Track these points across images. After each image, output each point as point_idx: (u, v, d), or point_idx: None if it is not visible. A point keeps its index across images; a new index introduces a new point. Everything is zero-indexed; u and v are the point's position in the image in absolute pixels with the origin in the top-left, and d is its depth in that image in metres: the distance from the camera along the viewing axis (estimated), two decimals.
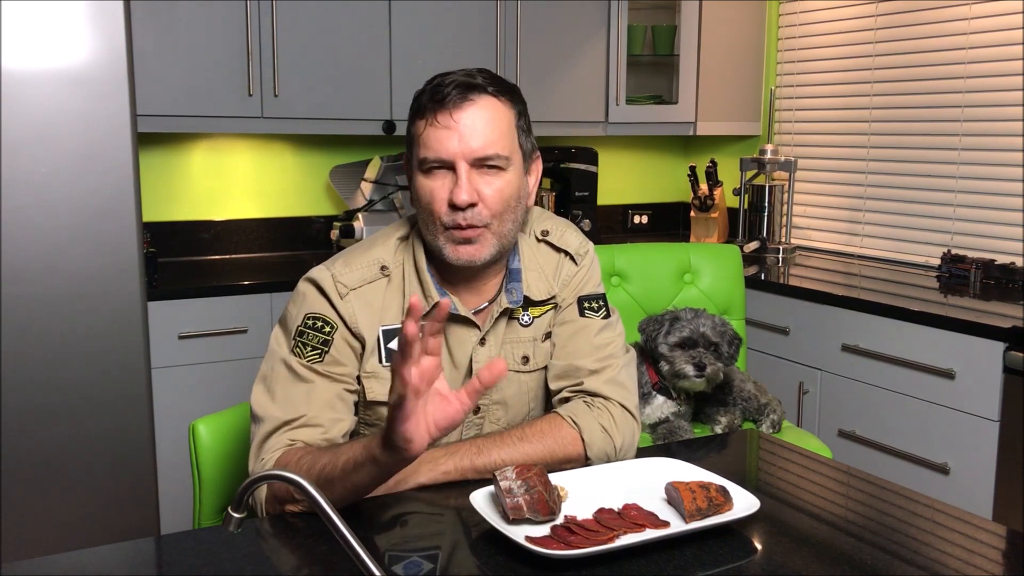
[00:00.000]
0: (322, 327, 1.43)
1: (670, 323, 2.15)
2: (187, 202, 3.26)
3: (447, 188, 1.40)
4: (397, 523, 1.28)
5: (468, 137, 1.38)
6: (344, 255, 1.50)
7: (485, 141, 1.39)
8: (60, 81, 2.20)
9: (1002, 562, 1.21)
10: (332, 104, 3.07)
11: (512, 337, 1.53)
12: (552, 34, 3.38)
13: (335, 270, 1.46)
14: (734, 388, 2.26)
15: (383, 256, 1.49)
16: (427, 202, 1.42)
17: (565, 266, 1.57)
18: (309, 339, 1.42)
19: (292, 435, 1.37)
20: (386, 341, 1.45)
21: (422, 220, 1.46)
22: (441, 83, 1.41)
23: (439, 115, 1.39)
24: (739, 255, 2.57)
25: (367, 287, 1.46)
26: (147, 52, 2.76)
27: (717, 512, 1.22)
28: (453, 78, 1.41)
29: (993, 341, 2.33)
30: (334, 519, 0.93)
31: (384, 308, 1.46)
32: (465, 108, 1.39)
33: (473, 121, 1.39)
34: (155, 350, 2.54)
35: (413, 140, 1.44)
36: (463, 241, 1.41)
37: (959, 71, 3.06)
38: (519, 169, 1.46)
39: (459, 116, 1.38)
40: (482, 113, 1.40)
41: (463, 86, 1.40)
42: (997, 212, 2.97)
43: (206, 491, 1.56)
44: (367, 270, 1.47)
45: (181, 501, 2.62)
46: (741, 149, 3.87)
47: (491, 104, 1.41)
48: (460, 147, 1.38)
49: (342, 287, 1.45)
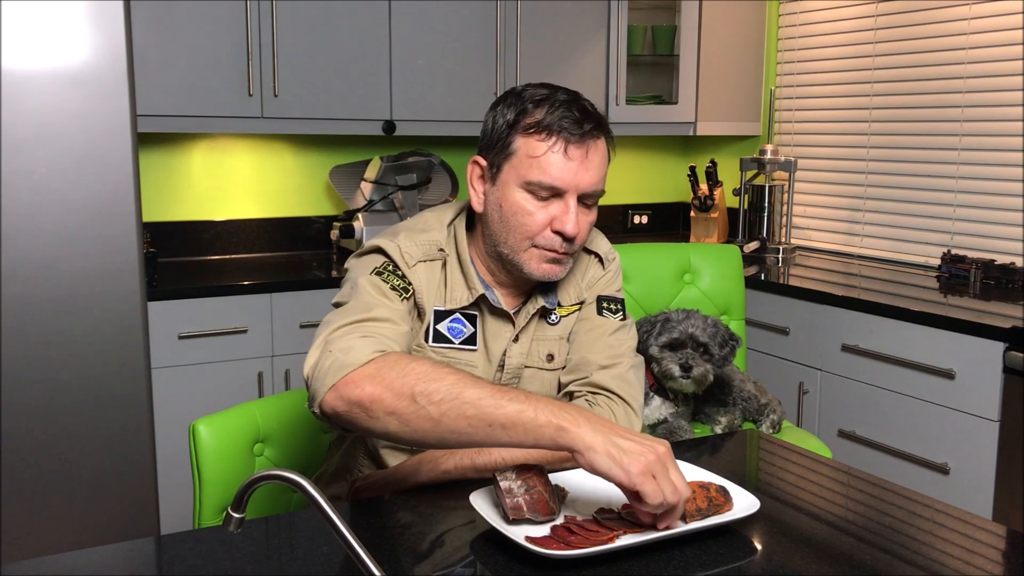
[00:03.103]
0: (403, 276, 1.44)
1: (661, 324, 2.16)
2: (187, 202, 3.26)
3: (550, 213, 1.43)
4: (397, 524, 1.28)
5: (588, 173, 1.42)
6: (403, 230, 1.50)
7: (597, 179, 1.44)
8: (60, 81, 2.20)
9: (1002, 562, 1.21)
10: (332, 104, 3.07)
11: (540, 335, 1.57)
12: (552, 34, 3.38)
13: (400, 241, 1.47)
14: (734, 388, 2.26)
15: (440, 240, 1.51)
16: (523, 221, 1.43)
17: (592, 268, 1.62)
18: (389, 279, 1.42)
19: (367, 329, 1.31)
20: (436, 322, 1.48)
21: (499, 230, 1.46)
22: (569, 111, 1.41)
23: (571, 145, 1.40)
24: (739, 255, 2.57)
25: (429, 264, 1.48)
26: (147, 52, 2.76)
27: (717, 512, 1.22)
28: (575, 104, 1.42)
29: (993, 341, 2.33)
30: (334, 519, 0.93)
31: (438, 288, 1.48)
32: (593, 145, 1.42)
33: (594, 159, 1.42)
34: (155, 350, 2.54)
35: (517, 153, 1.43)
36: (552, 261, 1.46)
37: (959, 71, 3.06)
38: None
39: (590, 153, 1.41)
40: (600, 152, 1.44)
41: (596, 121, 1.42)
42: (997, 212, 2.97)
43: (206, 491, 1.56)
44: (429, 247, 1.49)
45: (181, 501, 2.62)
46: (741, 149, 3.87)
47: (604, 144, 1.45)
48: (577, 181, 1.41)
49: (409, 257, 1.46)
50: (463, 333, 1.49)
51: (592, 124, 1.41)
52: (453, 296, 1.48)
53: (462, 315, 1.49)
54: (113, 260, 2.30)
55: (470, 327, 1.50)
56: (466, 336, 1.49)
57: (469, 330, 1.50)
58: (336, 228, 3.26)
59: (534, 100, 1.43)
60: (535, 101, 1.43)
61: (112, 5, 2.23)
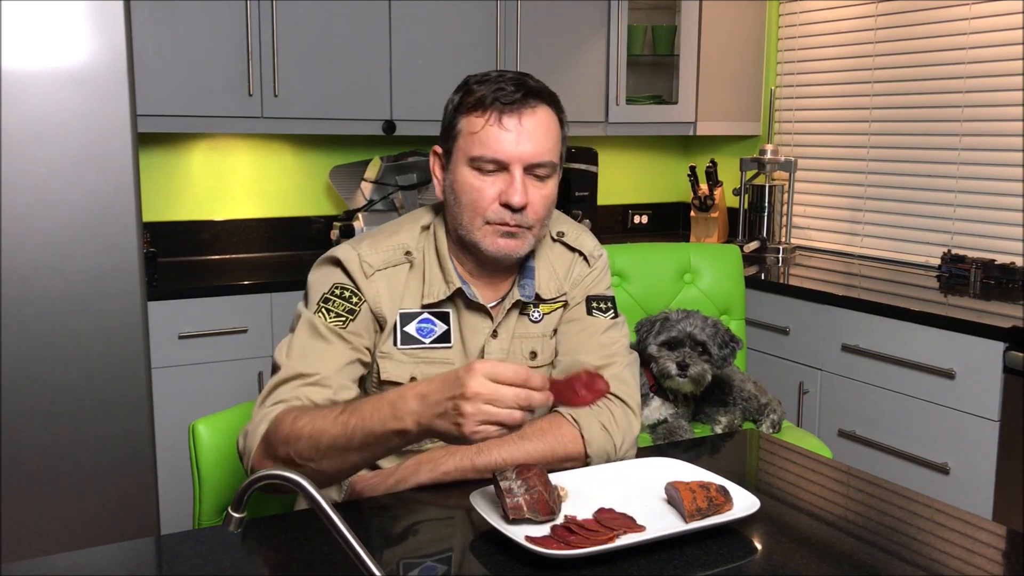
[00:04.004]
0: (349, 297, 1.46)
1: (660, 323, 2.17)
2: (187, 202, 3.26)
3: (498, 187, 1.43)
4: (397, 524, 1.28)
5: (527, 142, 1.42)
6: (370, 237, 1.53)
7: (542, 148, 1.43)
8: (60, 81, 2.20)
9: (1002, 562, 1.21)
10: (332, 104, 3.06)
11: (522, 332, 1.56)
12: (552, 34, 3.38)
13: (361, 250, 1.49)
14: (734, 388, 2.26)
15: (407, 242, 1.51)
16: (472, 198, 1.44)
17: (578, 266, 1.61)
18: (335, 305, 1.45)
19: (301, 392, 1.37)
20: (403, 325, 1.48)
21: (456, 212, 1.47)
22: (502, 84, 1.43)
23: (504, 116, 1.41)
24: (739, 255, 2.57)
25: (391, 270, 1.49)
26: (147, 52, 2.76)
27: (717, 512, 1.22)
28: (512, 78, 1.44)
29: (993, 341, 2.33)
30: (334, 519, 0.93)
31: (405, 292, 1.49)
32: (528, 113, 1.42)
33: (535, 127, 1.42)
34: (155, 350, 2.54)
35: (462, 134, 1.45)
36: (506, 235, 1.45)
37: (959, 71, 3.05)
38: (557, 177, 1.50)
39: (524, 120, 1.42)
40: (542, 121, 1.44)
41: (529, 91, 1.43)
42: (997, 212, 2.97)
43: (206, 491, 1.56)
44: (392, 253, 1.50)
45: (181, 501, 2.61)
46: (741, 149, 3.87)
47: (547, 114, 1.45)
48: (519, 150, 1.41)
49: (367, 266, 1.47)
50: (434, 332, 1.49)
51: (523, 92, 1.42)
52: (431, 292, 1.49)
53: (431, 314, 1.49)
54: (113, 260, 2.30)
55: (441, 325, 1.50)
56: (438, 334, 1.49)
57: (441, 328, 1.50)
58: (336, 228, 3.26)
59: (475, 81, 1.46)
60: (476, 81, 1.45)
61: (112, 5, 2.23)
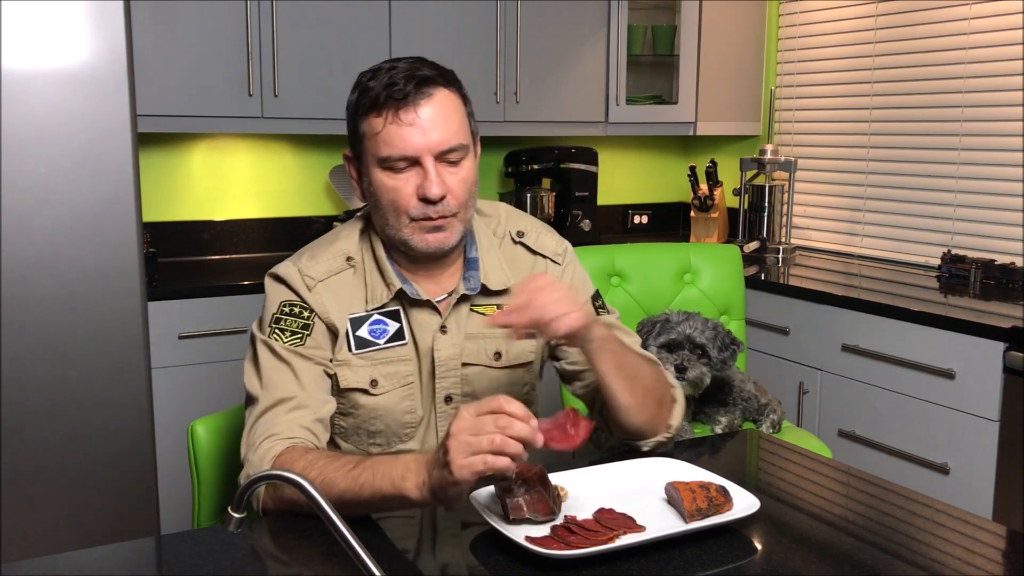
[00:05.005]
0: (300, 312, 1.45)
1: (660, 325, 2.16)
2: (187, 202, 3.26)
3: (412, 183, 1.41)
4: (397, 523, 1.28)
5: (431, 131, 1.39)
6: (308, 249, 1.52)
7: (447, 134, 1.41)
8: (60, 81, 2.20)
9: (1002, 562, 1.21)
10: (332, 104, 3.05)
11: (478, 330, 1.53)
12: (552, 34, 3.38)
13: (301, 264, 1.48)
14: (734, 388, 2.26)
15: (348, 248, 1.51)
16: (391, 198, 1.42)
17: (549, 269, 1.59)
18: (288, 324, 1.44)
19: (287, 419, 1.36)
20: (354, 329, 1.47)
21: (382, 215, 1.46)
22: (393, 78, 1.40)
23: (401, 111, 1.39)
24: (739, 255, 2.57)
25: (334, 278, 1.48)
26: (147, 52, 2.76)
27: (717, 512, 1.22)
28: (403, 71, 1.41)
29: (993, 341, 2.33)
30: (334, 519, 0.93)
31: (351, 297, 1.48)
32: (423, 104, 1.40)
33: (434, 115, 1.40)
34: (155, 350, 2.54)
35: (366, 137, 1.43)
36: (433, 229, 1.43)
37: (959, 71, 3.05)
38: (473, 156, 1.48)
39: (420, 111, 1.39)
40: (440, 107, 1.41)
41: (418, 80, 1.40)
42: (997, 212, 2.97)
43: (205, 492, 1.56)
44: (333, 261, 1.49)
45: (181, 501, 2.61)
46: (741, 149, 3.87)
47: (445, 96, 1.43)
48: (425, 142, 1.39)
49: (309, 279, 1.46)
50: (387, 331, 1.48)
51: (414, 82, 1.39)
52: (374, 296, 1.48)
53: (381, 315, 1.48)
54: (113, 260, 2.30)
55: (393, 323, 1.48)
56: (391, 333, 1.48)
57: (393, 326, 1.48)
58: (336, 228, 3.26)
59: (368, 78, 1.44)
60: (369, 79, 1.43)
61: (112, 5, 2.23)
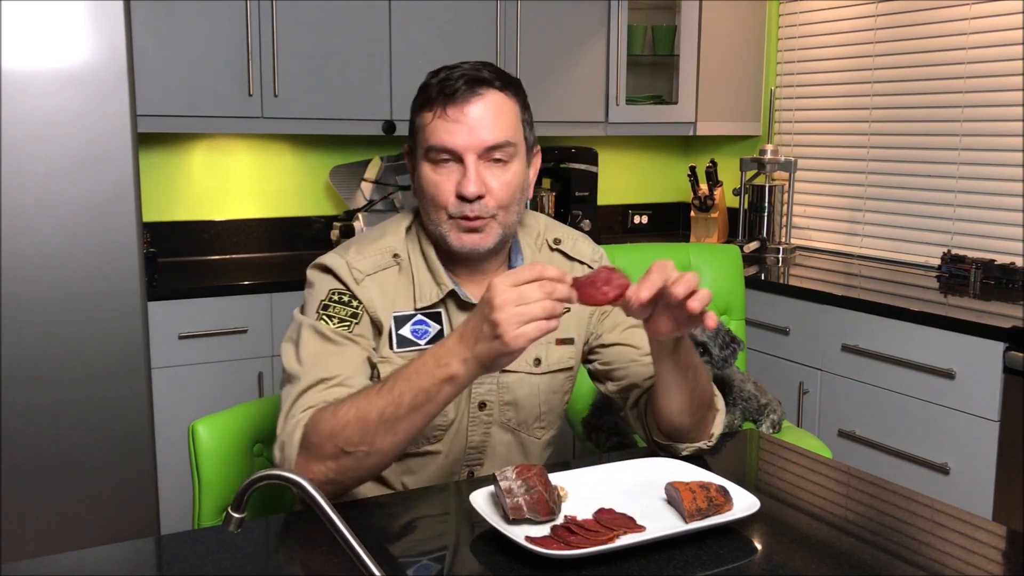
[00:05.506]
0: (349, 301, 1.45)
1: None
2: (187, 202, 3.26)
3: (454, 179, 1.42)
4: (397, 523, 1.28)
5: (477, 130, 1.41)
6: (356, 243, 1.52)
7: (494, 131, 1.42)
8: (60, 81, 2.20)
9: (1002, 562, 1.21)
10: (332, 104, 3.06)
11: None
12: (552, 34, 3.38)
13: (349, 257, 1.47)
14: (734, 388, 2.26)
15: (395, 244, 1.50)
16: (432, 192, 1.44)
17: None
18: (336, 311, 1.44)
19: (327, 394, 1.36)
20: (397, 328, 1.47)
21: (425, 209, 1.47)
22: (449, 76, 1.42)
23: (449, 108, 1.41)
24: (739, 255, 2.57)
25: (381, 273, 1.48)
26: (147, 52, 2.76)
27: (717, 512, 1.22)
28: (461, 71, 1.43)
29: (993, 341, 2.33)
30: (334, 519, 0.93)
31: (396, 295, 1.48)
32: (474, 102, 1.41)
33: (482, 114, 1.41)
34: (155, 350, 2.54)
35: (419, 130, 1.45)
36: (469, 230, 1.43)
37: (959, 71, 3.05)
38: (523, 161, 1.48)
39: (468, 109, 1.41)
40: (490, 107, 1.42)
41: (472, 80, 1.42)
42: (997, 212, 2.97)
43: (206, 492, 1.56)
44: (380, 257, 1.49)
45: (181, 501, 2.61)
46: (741, 149, 3.87)
47: (498, 98, 1.43)
48: (469, 139, 1.40)
49: (357, 272, 1.46)
50: (428, 333, 1.48)
51: (467, 81, 1.41)
52: (423, 294, 1.47)
53: (424, 315, 1.48)
54: (113, 260, 2.30)
55: (435, 325, 1.48)
56: (432, 335, 1.47)
57: (435, 328, 1.48)
58: (336, 228, 3.26)
59: (429, 75, 1.46)
60: (429, 76, 1.46)
61: (112, 5, 2.23)
